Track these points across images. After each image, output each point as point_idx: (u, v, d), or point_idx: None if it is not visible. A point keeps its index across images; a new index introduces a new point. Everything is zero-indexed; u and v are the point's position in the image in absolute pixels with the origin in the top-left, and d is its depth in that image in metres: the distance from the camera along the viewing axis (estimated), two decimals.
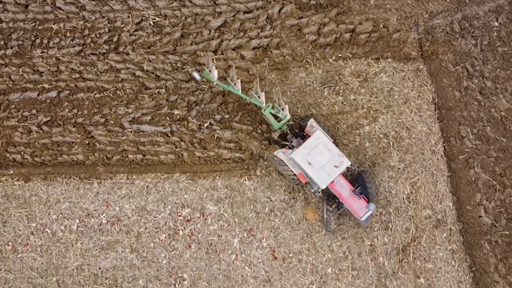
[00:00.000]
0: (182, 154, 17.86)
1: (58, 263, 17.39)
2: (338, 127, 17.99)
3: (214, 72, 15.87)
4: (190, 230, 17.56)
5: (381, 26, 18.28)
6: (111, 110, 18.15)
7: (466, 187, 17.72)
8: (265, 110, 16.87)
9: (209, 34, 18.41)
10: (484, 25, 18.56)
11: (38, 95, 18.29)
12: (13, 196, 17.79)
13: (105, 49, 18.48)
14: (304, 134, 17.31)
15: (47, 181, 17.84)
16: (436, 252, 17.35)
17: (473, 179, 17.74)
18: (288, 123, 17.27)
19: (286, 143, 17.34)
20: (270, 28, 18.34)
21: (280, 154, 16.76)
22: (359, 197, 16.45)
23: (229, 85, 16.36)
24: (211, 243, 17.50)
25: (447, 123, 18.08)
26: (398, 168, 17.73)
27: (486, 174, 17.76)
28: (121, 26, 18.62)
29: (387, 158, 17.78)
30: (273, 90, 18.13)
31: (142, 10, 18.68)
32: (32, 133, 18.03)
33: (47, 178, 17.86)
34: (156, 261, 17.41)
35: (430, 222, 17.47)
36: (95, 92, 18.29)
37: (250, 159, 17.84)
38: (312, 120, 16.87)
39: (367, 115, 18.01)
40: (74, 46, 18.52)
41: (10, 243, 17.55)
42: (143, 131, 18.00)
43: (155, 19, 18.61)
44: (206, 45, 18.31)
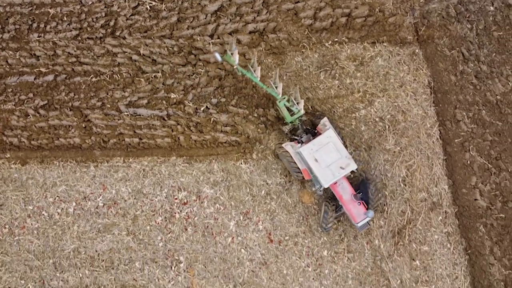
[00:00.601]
0: (179, 138, 17.91)
1: (55, 246, 17.45)
2: (334, 111, 18.04)
3: (236, 56, 15.78)
4: (187, 213, 17.62)
5: (377, 10, 18.34)
6: (108, 94, 18.20)
7: (462, 170, 17.78)
8: (280, 102, 16.68)
9: (206, 19, 18.47)
10: (480, 10, 18.61)
11: (35, 79, 18.34)
12: (10, 179, 17.84)
13: (102, 33, 18.53)
14: (315, 132, 17.26)
15: (44, 164, 17.89)
16: (432, 235, 17.41)
17: (469, 163, 17.80)
18: (301, 119, 17.23)
19: (296, 138, 17.36)
20: (267, 13, 18.39)
21: (288, 147, 16.78)
22: (359, 203, 16.36)
23: (248, 71, 16.26)
24: (207, 226, 17.55)
25: (443, 107, 18.14)
26: (394, 151, 17.79)
27: (482, 158, 17.82)
28: (118, 11, 18.67)
29: (383, 142, 17.84)
30: (269, 74, 18.18)
31: None
32: (29, 117, 18.08)
33: (44, 161, 17.91)
34: (153, 244, 17.46)
35: (426, 205, 17.52)
36: (92, 76, 18.34)
37: (247, 143, 17.89)
38: (326, 119, 16.83)
39: (363, 99, 18.07)
40: (71, 30, 18.58)
41: (7, 226, 17.60)
42: (140, 115, 18.05)
43: (152, 4, 18.66)
44: (203, 29, 18.36)
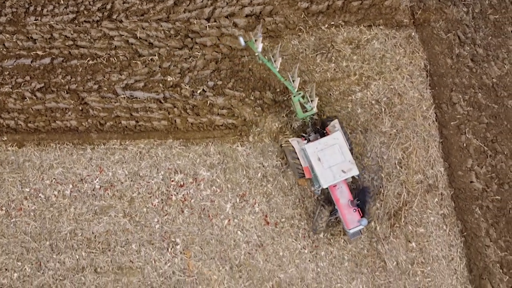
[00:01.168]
0: (175, 120, 17.94)
1: (52, 228, 17.47)
2: (331, 94, 18.08)
3: (260, 44, 15.79)
4: (183, 196, 17.65)
5: None
6: (104, 77, 18.23)
7: (458, 153, 17.82)
8: (295, 97, 16.65)
9: (202, 2, 18.50)
10: None
11: (32, 62, 18.36)
12: (7, 162, 17.86)
13: (99, 17, 18.55)
14: (324, 132, 17.21)
15: (41, 147, 17.91)
16: (428, 217, 17.45)
17: (465, 145, 17.84)
18: (312, 117, 17.27)
19: (304, 135, 17.37)
20: None
21: (294, 142, 16.80)
22: (355, 209, 16.32)
23: (269, 61, 16.25)
24: (204, 208, 17.58)
25: (439, 90, 18.17)
26: (390, 134, 17.82)
27: (478, 140, 17.86)
28: None
29: (379, 124, 17.88)
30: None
31: None
32: (26, 100, 18.11)
33: (41, 144, 17.92)
34: (149, 226, 17.49)
35: (422, 187, 17.56)
36: (89, 59, 18.36)
37: (243, 125, 17.92)
38: (336, 121, 16.80)
39: (359, 82, 18.10)
40: (68, 14, 18.60)
41: (4, 208, 17.62)
42: (136, 98, 18.08)
43: None
44: (199, 13, 18.39)
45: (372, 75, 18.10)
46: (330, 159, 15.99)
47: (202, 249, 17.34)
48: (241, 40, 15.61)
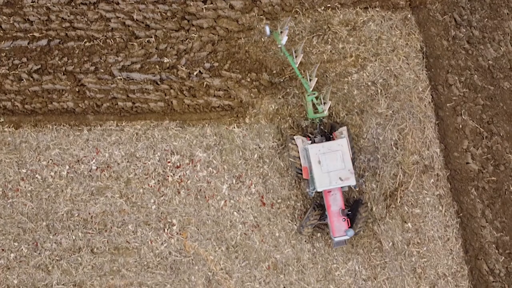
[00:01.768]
0: (172, 102, 17.97)
1: (48, 208, 17.50)
2: (327, 75, 18.11)
3: (285, 36, 15.77)
4: (179, 177, 17.68)
5: None
6: (101, 59, 18.25)
7: (454, 134, 17.86)
8: (309, 96, 16.62)
9: None
10: None
11: (29, 44, 18.37)
12: (3, 143, 17.87)
13: None
14: (331, 137, 17.15)
15: (37, 128, 17.92)
16: (424, 198, 17.49)
17: (461, 126, 17.88)
18: (322, 119, 17.28)
19: (310, 135, 17.37)
20: None
21: (299, 140, 16.81)
22: (344, 219, 16.28)
23: (290, 55, 16.21)
24: (200, 189, 17.62)
25: (435, 72, 18.21)
26: (386, 115, 17.86)
27: (474, 122, 17.90)
28: None
29: (375, 105, 17.91)
30: (262, 39, 18.24)
31: None
32: (23, 81, 18.12)
33: (37, 125, 17.94)
34: (146, 207, 17.53)
35: (418, 168, 17.60)
36: (85, 41, 18.38)
37: (239, 107, 17.95)
38: (345, 128, 16.78)
39: (356, 63, 18.13)
40: None
41: (0, 189, 17.64)
42: (133, 79, 18.10)
43: None
44: None
45: (368, 57, 18.13)
46: (330, 164, 15.93)
47: (199, 230, 17.38)
48: (267, 29, 15.53)
